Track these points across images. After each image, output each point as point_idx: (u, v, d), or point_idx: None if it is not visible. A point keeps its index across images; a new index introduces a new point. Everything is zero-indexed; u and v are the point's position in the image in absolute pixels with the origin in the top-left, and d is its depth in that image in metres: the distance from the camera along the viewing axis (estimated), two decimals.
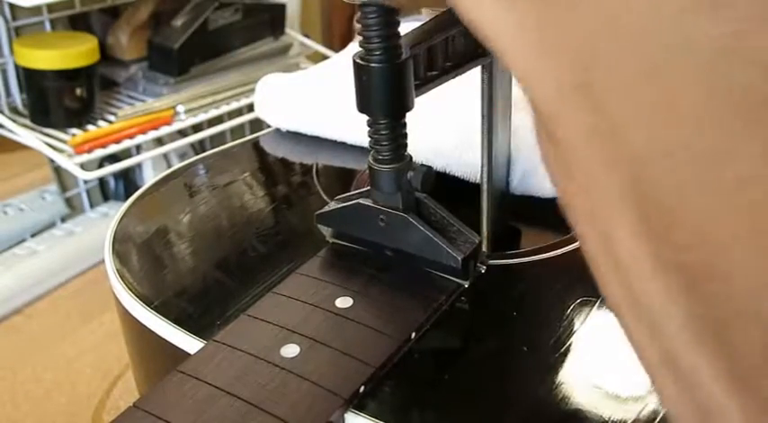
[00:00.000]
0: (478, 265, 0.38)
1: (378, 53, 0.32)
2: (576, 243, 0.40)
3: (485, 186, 0.41)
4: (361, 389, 0.30)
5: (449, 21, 0.34)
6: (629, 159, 0.15)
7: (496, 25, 0.17)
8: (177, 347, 0.35)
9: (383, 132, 0.35)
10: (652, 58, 0.15)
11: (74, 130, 1.03)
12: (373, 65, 0.32)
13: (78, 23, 1.14)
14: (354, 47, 0.36)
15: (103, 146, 1.01)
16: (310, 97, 0.57)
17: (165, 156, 1.23)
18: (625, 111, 0.15)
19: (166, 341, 0.36)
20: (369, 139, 0.36)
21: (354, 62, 0.33)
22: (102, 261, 0.42)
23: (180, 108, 1.10)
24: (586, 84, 0.16)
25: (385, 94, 0.33)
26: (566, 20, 0.16)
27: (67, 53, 1.00)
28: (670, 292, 0.16)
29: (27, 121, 1.04)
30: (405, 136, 0.36)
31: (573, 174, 0.17)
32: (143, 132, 1.06)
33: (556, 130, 0.17)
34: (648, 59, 0.15)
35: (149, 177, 1.21)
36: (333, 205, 0.40)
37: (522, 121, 0.46)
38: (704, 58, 0.14)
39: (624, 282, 0.17)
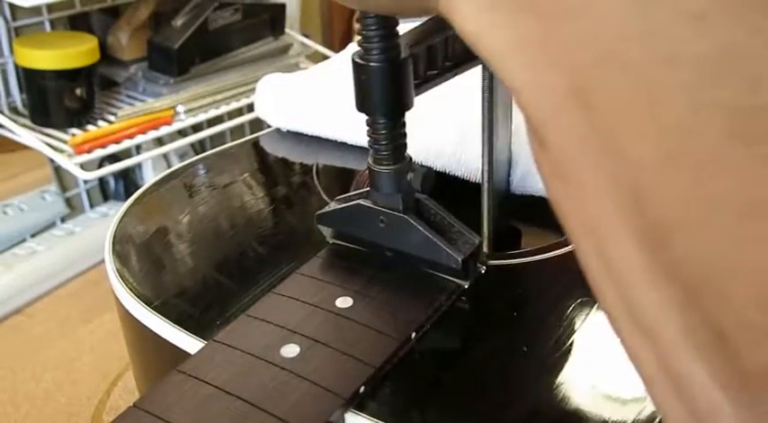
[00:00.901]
0: (478, 265, 0.38)
1: (377, 52, 0.32)
2: None
3: (485, 186, 0.41)
4: (362, 389, 0.30)
5: None
6: (627, 166, 0.15)
7: (494, 39, 0.17)
8: (177, 347, 0.35)
9: (382, 132, 0.35)
10: (643, 68, 0.15)
11: (74, 130, 1.03)
12: (372, 64, 0.32)
13: (78, 23, 1.14)
14: (354, 47, 0.36)
15: (103, 146, 1.01)
16: (310, 97, 0.57)
17: (165, 156, 1.23)
18: (620, 118, 0.15)
19: (166, 341, 0.36)
20: (368, 139, 0.36)
21: (353, 61, 0.33)
22: (102, 261, 0.42)
23: (180, 108, 1.10)
24: (582, 91, 0.16)
25: (384, 93, 0.33)
26: (564, 34, 0.16)
27: (67, 53, 1.00)
28: (666, 304, 0.15)
29: (27, 121, 1.04)
30: (404, 136, 0.36)
31: (566, 179, 0.17)
32: (143, 132, 1.06)
33: (547, 136, 0.17)
34: (640, 70, 0.15)
35: (149, 177, 1.21)
36: (333, 206, 0.39)
37: (522, 120, 0.46)
38: (690, 71, 0.14)
39: (618, 288, 0.17)
